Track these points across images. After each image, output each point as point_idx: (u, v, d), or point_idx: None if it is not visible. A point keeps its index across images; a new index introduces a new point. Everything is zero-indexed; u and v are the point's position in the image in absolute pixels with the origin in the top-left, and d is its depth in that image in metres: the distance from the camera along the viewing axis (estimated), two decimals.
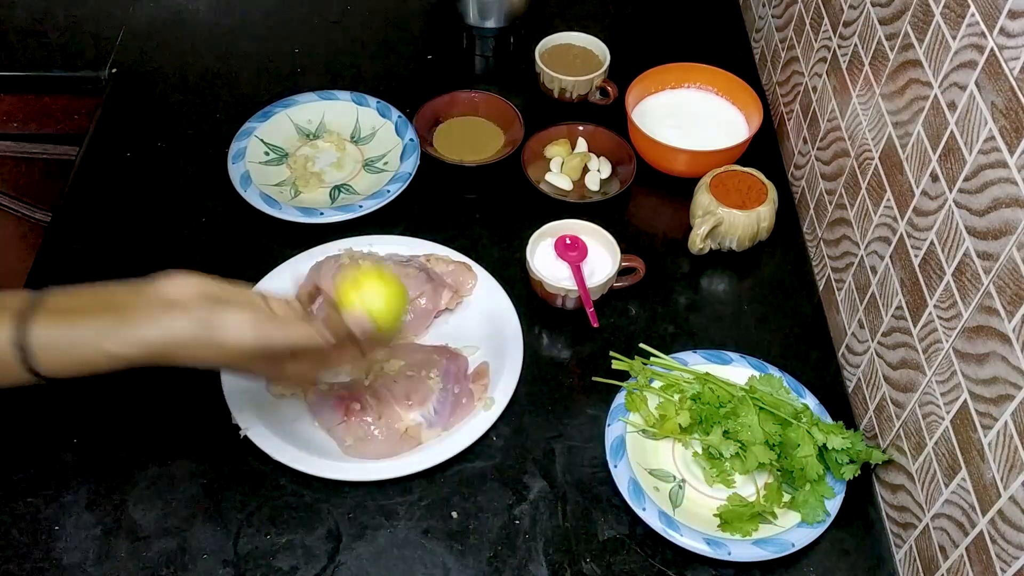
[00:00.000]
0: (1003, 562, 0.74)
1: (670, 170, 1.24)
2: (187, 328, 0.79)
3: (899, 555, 0.93)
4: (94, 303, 0.80)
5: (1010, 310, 0.74)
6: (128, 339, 0.78)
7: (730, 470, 0.96)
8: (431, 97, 1.29)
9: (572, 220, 1.12)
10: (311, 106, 1.30)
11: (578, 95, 1.33)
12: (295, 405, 1.00)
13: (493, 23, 1.44)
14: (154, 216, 1.19)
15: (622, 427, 0.98)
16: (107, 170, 1.24)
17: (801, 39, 1.23)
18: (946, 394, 0.84)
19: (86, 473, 0.95)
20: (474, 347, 1.06)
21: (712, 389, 0.98)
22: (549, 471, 0.98)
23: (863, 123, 1.03)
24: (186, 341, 0.79)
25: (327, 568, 0.90)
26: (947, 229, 0.84)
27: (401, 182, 1.20)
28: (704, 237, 1.13)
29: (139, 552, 0.90)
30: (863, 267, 1.02)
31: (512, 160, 1.24)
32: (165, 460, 0.96)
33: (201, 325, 0.79)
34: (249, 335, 0.80)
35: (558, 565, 0.91)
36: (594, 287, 1.07)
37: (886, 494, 0.96)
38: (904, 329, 0.92)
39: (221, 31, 1.44)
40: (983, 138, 0.78)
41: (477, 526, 0.93)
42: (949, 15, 0.84)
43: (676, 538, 0.90)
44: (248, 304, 0.83)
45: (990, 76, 0.77)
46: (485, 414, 0.99)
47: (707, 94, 1.31)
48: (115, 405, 1.00)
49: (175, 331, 0.79)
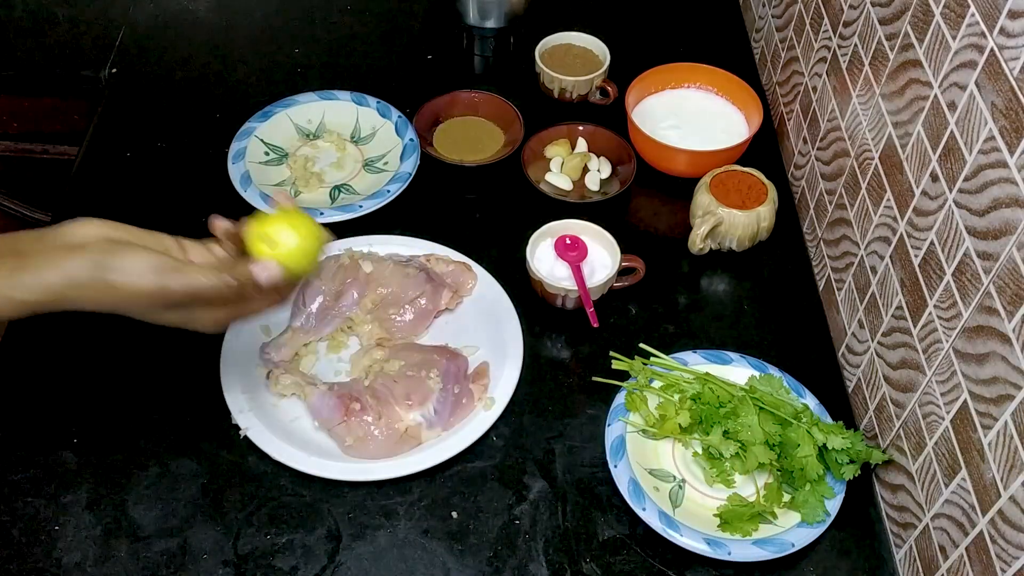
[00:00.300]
0: (1003, 562, 0.74)
1: (670, 170, 1.24)
2: (83, 269, 0.77)
3: (899, 555, 0.93)
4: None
5: (1010, 310, 0.74)
6: (29, 284, 0.76)
7: (730, 470, 0.96)
8: (431, 97, 1.29)
9: (572, 220, 1.12)
10: (311, 106, 1.30)
11: (578, 95, 1.33)
12: (295, 405, 1.00)
13: (493, 23, 1.44)
14: (154, 216, 1.18)
15: (622, 427, 0.98)
16: (107, 170, 1.24)
17: (801, 39, 1.23)
18: (946, 394, 0.84)
19: (86, 473, 0.95)
20: (474, 347, 1.06)
21: (712, 389, 0.98)
22: (549, 471, 0.98)
23: (863, 123, 1.03)
24: (82, 282, 0.77)
25: (327, 568, 0.90)
26: (947, 229, 0.84)
27: (401, 182, 1.20)
28: (704, 237, 1.13)
29: (139, 552, 0.90)
30: (863, 267, 1.02)
31: (512, 160, 1.24)
32: (165, 460, 0.96)
33: (97, 266, 0.77)
34: (146, 279, 0.78)
35: (558, 565, 0.91)
36: (594, 287, 1.07)
37: (886, 494, 0.96)
38: (904, 329, 0.92)
39: (221, 31, 1.44)
40: (983, 138, 0.78)
41: (477, 526, 0.93)
42: (949, 15, 0.84)
43: (676, 538, 0.90)
44: (152, 248, 0.81)
45: (990, 76, 0.77)
46: (485, 414, 0.99)
47: (707, 94, 1.31)
48: (115, 405, 1.00)
49: (71, 272, 0.76)
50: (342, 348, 1.06)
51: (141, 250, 0.80)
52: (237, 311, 0.87)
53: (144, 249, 0.80)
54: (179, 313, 0.83)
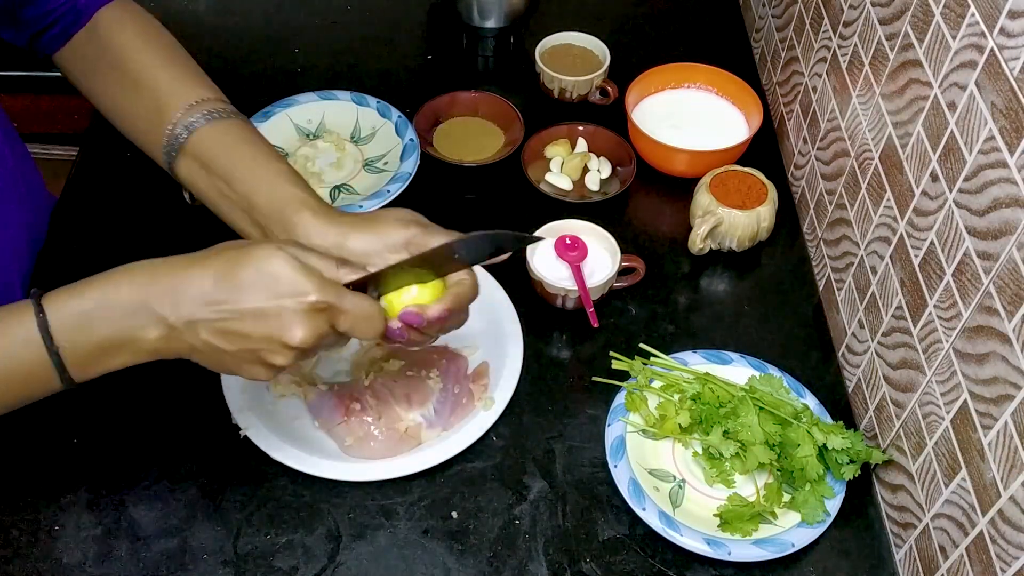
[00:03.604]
0: (1003, 562, 0.74)
1: (670, 170, 1.24)
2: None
3: (899, 555, 0.93)
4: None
5: (1010, 310, 0.74)
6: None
7: (730, 470, 0.96)
8: (431, 97, 1.29)
9: (572, 220, 1.12)
10: (311, 106, 1.30)
11: (578, 95, 1.33)
12: (295, 405, 1.00)
13: (493, 23, 1.44)
14: (154, 216, 1.19)
15: (622, 427, 0.98)
16: (107, 170, 1.24)
17: (801, 39, 1.23)
18: (946, 394, 0.84)
19: (86, 473, 0.95)
20: (474, 347, 1.06)
21: (712, 389, 0.98)
22: (549, 471, 0.98)
23: (863, 123, 1.03)
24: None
25: (327, 568, 0.90)
26: (947, 229, 0.84)
27: (401, 182, 1.20)
28: (704, 237, 1.13)
29: (139, 552, 0.90)
30: (863, 267, 1.02)
31: (512, 160, 1.24)
32: (165, 460, 0.96)
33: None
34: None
35: (558, 565, 0.91)
36: (594, 287, 1.07)
37: (886, 494, 0.96)
38: (904, 329, 0.92)
39: (221, 31, 1.44)
40: (983, 138, 0.78)
41: (477, 526, 0.93)
42: (949, 15, 0.84)
43: (676, 538, 0.90)
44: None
45: (990, 76, 0.77)
46: (485, 414, 0.99)
47: (707, 94, 1.31)
48: (115, 405, 1.00)
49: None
50: (342, 348, 1.06)
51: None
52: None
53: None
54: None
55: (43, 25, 0.95)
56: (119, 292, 0.77)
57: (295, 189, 0.88)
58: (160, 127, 0.91)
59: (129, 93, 0.94)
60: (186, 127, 0.90)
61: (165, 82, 0.94)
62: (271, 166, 0.90)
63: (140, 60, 0.95)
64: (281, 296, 0.76)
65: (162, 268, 0.78)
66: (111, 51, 0.95)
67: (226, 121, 0.92)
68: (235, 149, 0.91)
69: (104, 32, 0.96)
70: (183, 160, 0.92)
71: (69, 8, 0.95)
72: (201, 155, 0.91)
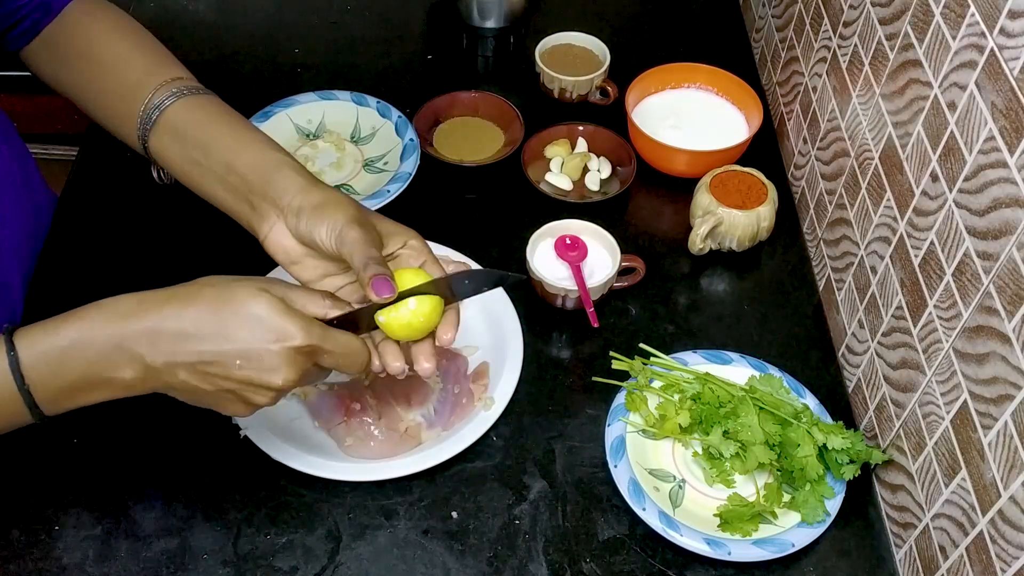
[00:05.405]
0: (1003, 562, 0.74)
1: (670, 170, 1.24)
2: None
3: (899, 555, 0.93)
4: None
5: (1010, 310, 0.74)
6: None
7: (730, 470, 0.96)
8: (431, 97, 1.29)
9: (572, 220, 1.12)
10: (311, 106, 1.30)
11: (578, 95, 1.33)
12: (295, 405, 1.00)
13: (493, 23, 1.44)
14: (154, 216, 1.19)
15: (622, 427, 0.98)
16: (106, 170, 1.24)
17: (801, 39, 1.23)
18: (946, 394, 0.84)
19: (86, 473, 0.95)
20: (474, 347, 1.06)
21: (712, 389, 0.98)
22: (549, 471, 0.98)
23: (863, 123, 1.03)
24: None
25: (327, 568, 0.90)
26: (947, 229, 0.84)
27: (401, 182, 1.20)
28: (704, 237, 1.13)
29: (139, 552, 0.90)
30: (863, 267, 1.02)
31: (512, 160, 1.24)
32: (165, 460, 0.96)
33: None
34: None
35: (558, 565, 0.91)
36: (594, 287, 1.07)
37: (886, 494, 0.96)
38: (904, 329, 0.92)
39: (221, 31, 1.44)
40: (983, 138, 0.78)
41: (477, 526, 0.93)
42: (949, 15, 0.84)
43: (676, 538, 0.90)
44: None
45: (990, 76, 0.77)
46: (485, 414, 0.99)
47: (707, 94, 1.31)
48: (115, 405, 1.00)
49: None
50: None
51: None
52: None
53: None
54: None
55: (13, 20, 0.95)
56: (94, 331, 0.76)
57: (276, 152, 0.89)
58: (134, 107, 0.91)
59: (101, 80, 0.94)
60: (159, 105, 0.90)
61: (137, 65, 0.94)
62: (250, 134, 0.90)
63: (112, 48, 0.95)
64: (265, 340, 0.76)
65: (139, 306, 0.77)
66: (82, 41, 0.95)
67: (200, 96, 0.92)
68: (211, 120, 0.91)
69: (74, 23, 0.96)
70: (156, 134, 0.91)
71: (39, 3, 0.95)
72: (176, 127, 0.90)
